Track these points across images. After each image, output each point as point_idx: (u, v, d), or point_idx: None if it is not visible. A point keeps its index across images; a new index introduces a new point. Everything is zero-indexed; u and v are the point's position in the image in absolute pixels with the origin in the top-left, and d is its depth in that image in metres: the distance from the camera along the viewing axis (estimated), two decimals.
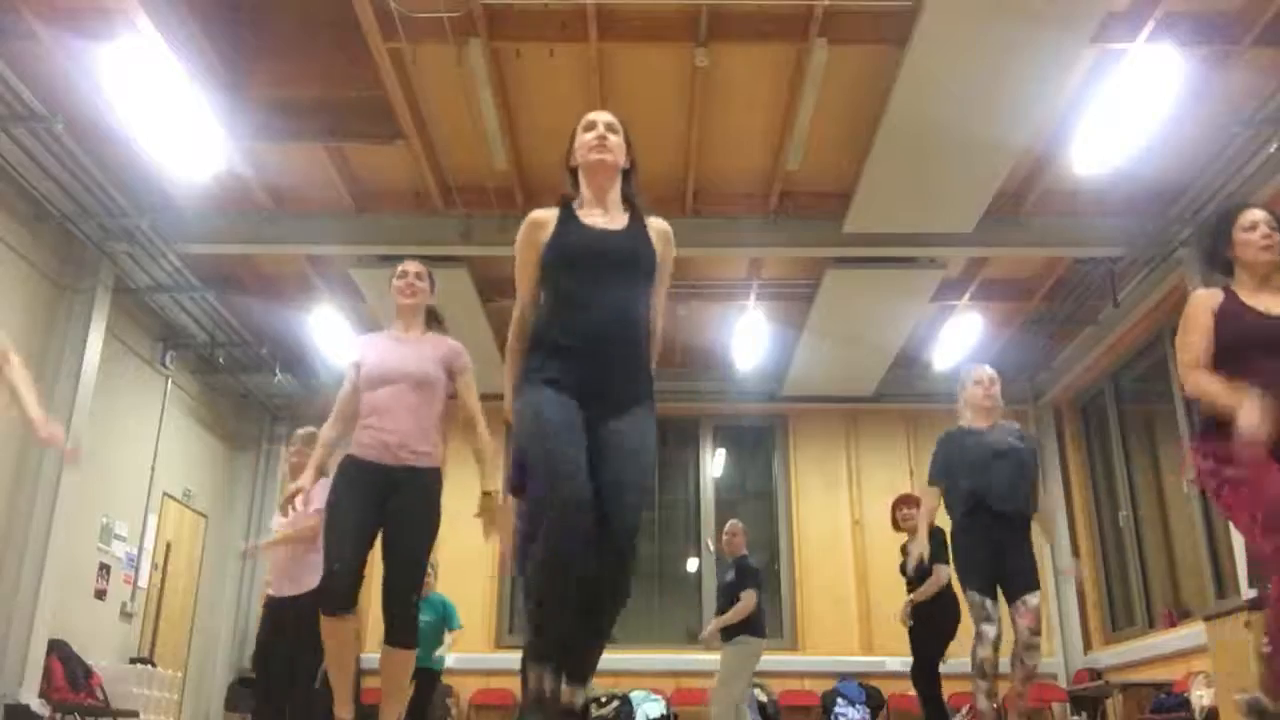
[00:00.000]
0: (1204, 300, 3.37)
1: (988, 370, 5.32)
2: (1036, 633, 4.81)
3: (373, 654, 9.35)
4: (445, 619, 7.30)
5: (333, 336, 9.46)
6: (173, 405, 9.62)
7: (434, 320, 4.33)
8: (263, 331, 10.02)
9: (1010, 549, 4.89)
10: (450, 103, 6.66)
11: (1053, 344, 10.12)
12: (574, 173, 3.14)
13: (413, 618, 3.90)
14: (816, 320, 9.13)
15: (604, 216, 3.03)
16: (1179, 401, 8.56)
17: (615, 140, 3.08)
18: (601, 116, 3.12)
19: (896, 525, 6.56)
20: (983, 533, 4.90)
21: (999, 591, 4.91)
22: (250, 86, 6.69)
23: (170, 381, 9.58)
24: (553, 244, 2.97)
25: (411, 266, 4.29)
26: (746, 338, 9.36)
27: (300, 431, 5.53)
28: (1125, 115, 6.26)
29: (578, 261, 2.92)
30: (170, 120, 6.32)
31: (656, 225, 3.08)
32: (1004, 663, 4.89)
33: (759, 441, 11.54)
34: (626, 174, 3.13)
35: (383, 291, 8.35)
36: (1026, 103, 6.24)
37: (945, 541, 6.26)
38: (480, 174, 7.44)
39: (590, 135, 3.07)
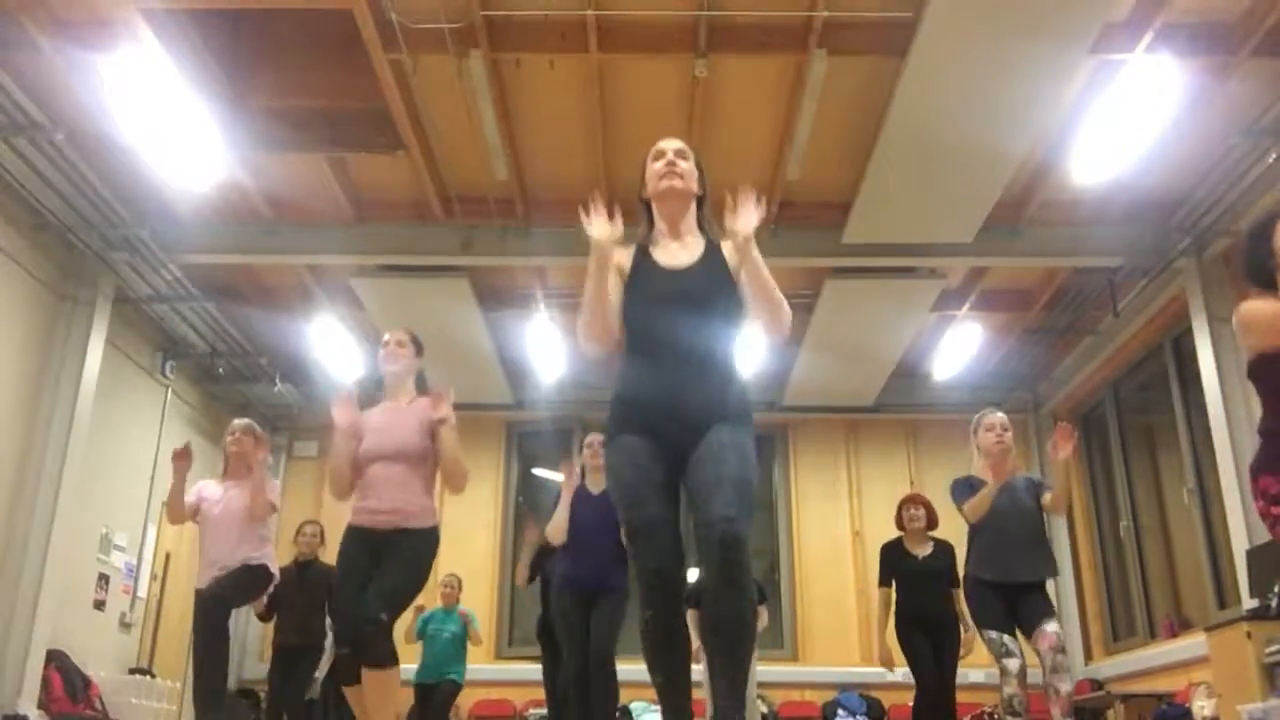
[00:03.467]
0: (1263, 301, 3.04)
1: (1000, 416, 5.18)
2: (1060, 651, 4.72)
3: None
4: (465, 633, 7.39)
5: (333, 346, 9.46)
6: (173, 415, 9.61)
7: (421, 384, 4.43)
8: (263, 341, 10.03)
9: (1025, 596, 4.85)
10: (451, 113, 6.67)
11: (1053, 354, 10.13)
12: (648, 206, 3.06)
13: (378, 637, 3.85)
14: (816, 330, 9.13)
15: (679, 248, 2.95)
16: (1179, 411, 8.57)
17: (686, 166, 2.99)
18: (670, 144, 3.04)
19: (901, 525, 6.24)
20: (994, 585, 4.86)
21: (1017, 630, 4.86)
22: (251, 97, 6.70)
23: (170, 391, 9.58)
24: (628, 289, 2.91)
25: (394, 335, 4.40)
26: (746, 347, 9.38)
27: (238, 421, 5.59)
28: (1124, 125, 6.26)
29: (651, 306, 2.85)
30: (171, 130, 6.33)
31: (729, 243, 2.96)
32: (1033, 672, 4.84)
33: (759, 451, 11.52)
34: (700, 201, 3.05)
35: (383, 301, 8.44)
36: (1026, 113, 6.26)
37: (955, 559, 6.19)
38: (481, 184, 7.45)
39: (660, 164, 3.00)
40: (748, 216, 2.76)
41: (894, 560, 6.15)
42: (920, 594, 5.95)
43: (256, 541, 5.32)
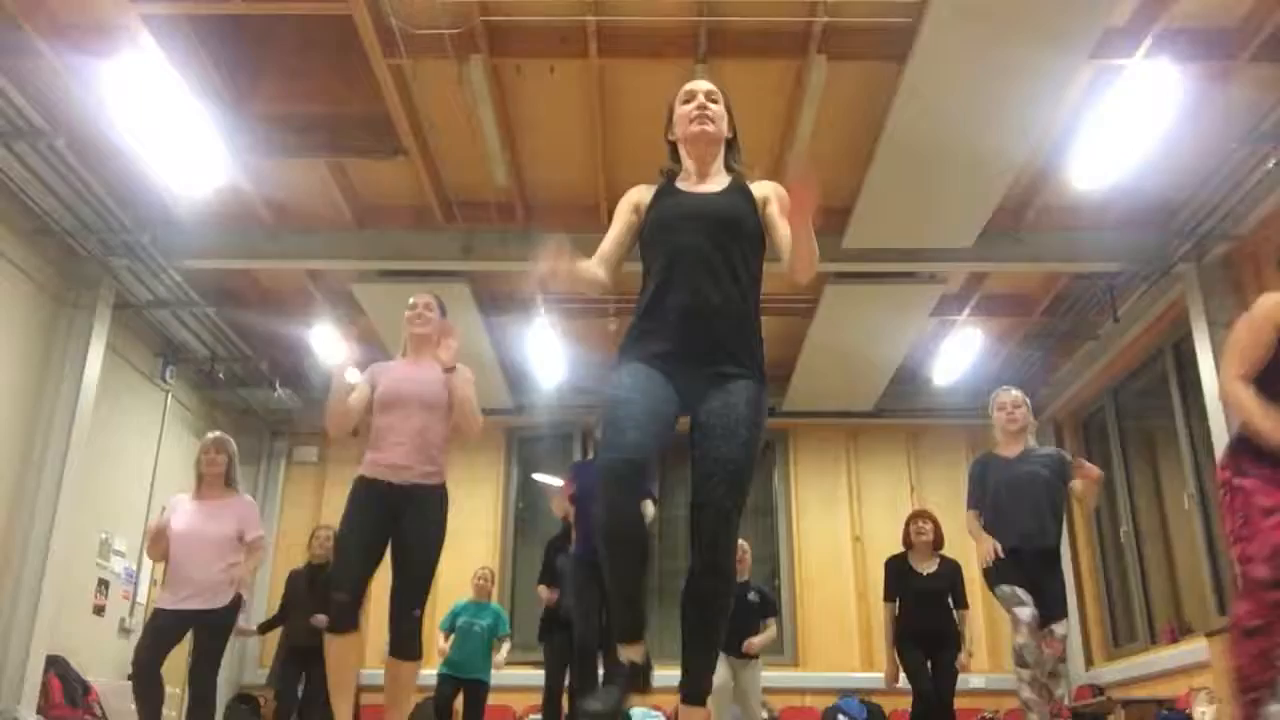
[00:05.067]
0: (1275, 308, 3.21)
1: (1012, 393, 5.19)
2: (1062, 660, 4.77)
3: (374, 669, 9.29)
4: (496, 627, 7.32)
5: (333, 351, 9.45)
6: (172, 420, 9.61)
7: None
8: (263, 346, 10.03)
9: (1040, 579, 4.85)
10: (451, 118, 6.68)
11: (1053, 359, 10.12)
12: (674, 147, 3.01)
13: (415, 631, 4.08)
14: (816, 335, 9.13)
15: (707, 185, 2.91)
16: (1179, 416, 8.56)
17: (717, 109, 2.94)
18: (701, 85, 2.98)
19: (909, 541, 6.18)
20: (1012, 560, 4.85)
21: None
22: (252, 102, 6.71)
23: (170, 396, 9.58)
24: (651, 213, 2.86)
25: (421, 298, 4.47)
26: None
27: (210, 436, 5.43)
28: (1124, 131, 6.27)
29: (677, 227, 2.78)
30: (172, 135, 6.35)
31: (760, 185, 2.92)
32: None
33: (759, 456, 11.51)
34: (730, 144, 3.00)
35: (383, 306, 8.43)
36: (1025, 118, 6.26)
37: (962, 579, 6.16)
38: (481, 189, 7.46)
39: (690, 106, 2.93)
40: (811, 191, 2.60)
41: (898, 576, 6.09)
42: (923, 612, 5.91)
43: (227, 571, 5.10)
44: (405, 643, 4.07)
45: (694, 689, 2.70)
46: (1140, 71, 5.88)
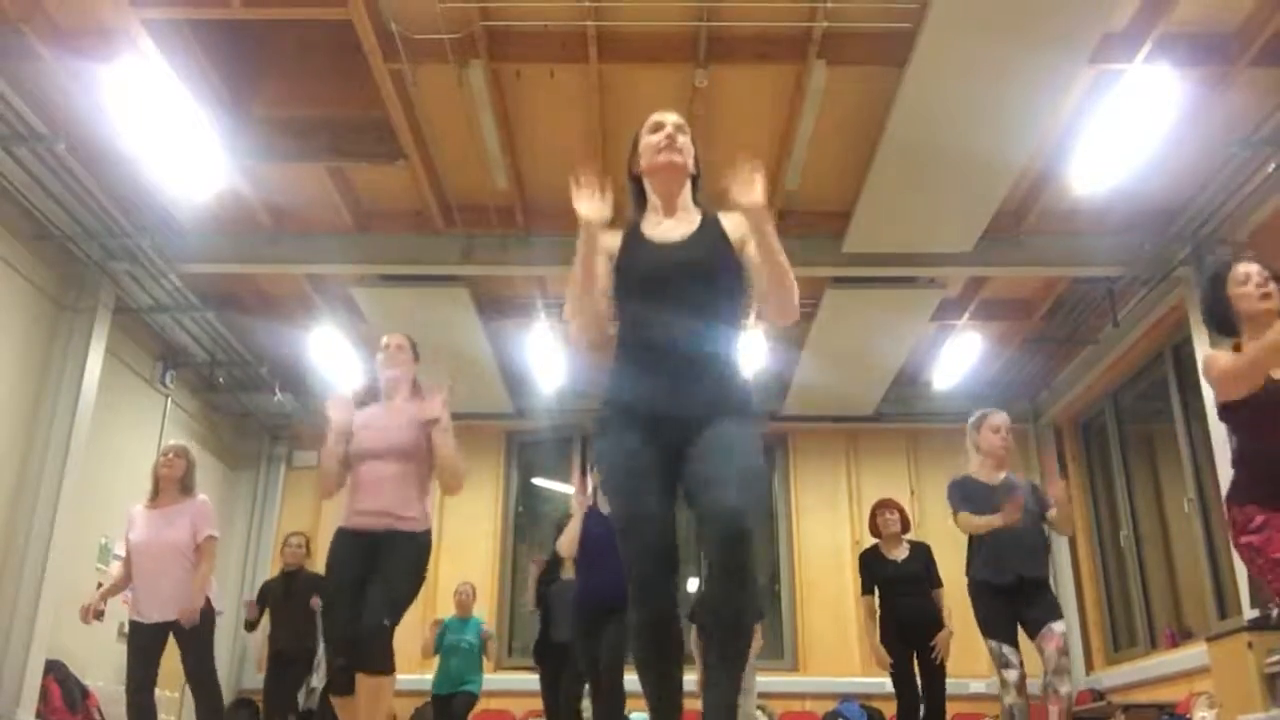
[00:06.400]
0: (1221, 351, 3.37)
1: (1004, 417, 5.23)
2: (1064, 653, 4.78)
3: None
4: (482, 640, 7.38)
5: (333, 356, 9.46)
6: (172, 425, 9.61)
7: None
8: (263, 351, 10.03)
9: (1028, 598, 4.88)
10: (451, 123, 6.68)
11: (1052, 363, 10.12)
12: (637, 181, 2.91)
13: (381, 643, 3.92)
14: (816, 339, 9.13)
15: (674, 224, 2.79)
16: (1180, 420, 8.56)
17: (685, 141, 2.84)
18: (669, 117, 2.87)
19: (876, 530, 6.36)
20: (998, 588, 4.89)
21: (1019, 631, 4.90)
22: (252, 106, 6.72)
23: (170, 401, 9.58)
24: (619, 271, 2.74)
25: (393, 339, 4.48)
26: (746, 357, 9.36)
27: (172, 443, 5.51)
28: (1124, 135, 6.27)
29: (644, 283, 2.68)
30: (172, 140, 6.35)
31: (733, 219, 2.78)
32: (1033, 684, 4.87)
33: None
34: (694, 181, 2.90)
35: (383, 311, 8.44)
36: (1025, 123, 6.26)
37: (933, 559, 6.23)
38: (481, 194, 7.46)
39: (658, 136, 2.82)
40: (753, 186, 2.59)
41: (873, 567, 6.27)
42: (900, 597, 6.05)
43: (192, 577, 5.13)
44: (369, 657, 3.88)
45: (717, 714, 2.46)
46: (1139, 76, 5.88)
